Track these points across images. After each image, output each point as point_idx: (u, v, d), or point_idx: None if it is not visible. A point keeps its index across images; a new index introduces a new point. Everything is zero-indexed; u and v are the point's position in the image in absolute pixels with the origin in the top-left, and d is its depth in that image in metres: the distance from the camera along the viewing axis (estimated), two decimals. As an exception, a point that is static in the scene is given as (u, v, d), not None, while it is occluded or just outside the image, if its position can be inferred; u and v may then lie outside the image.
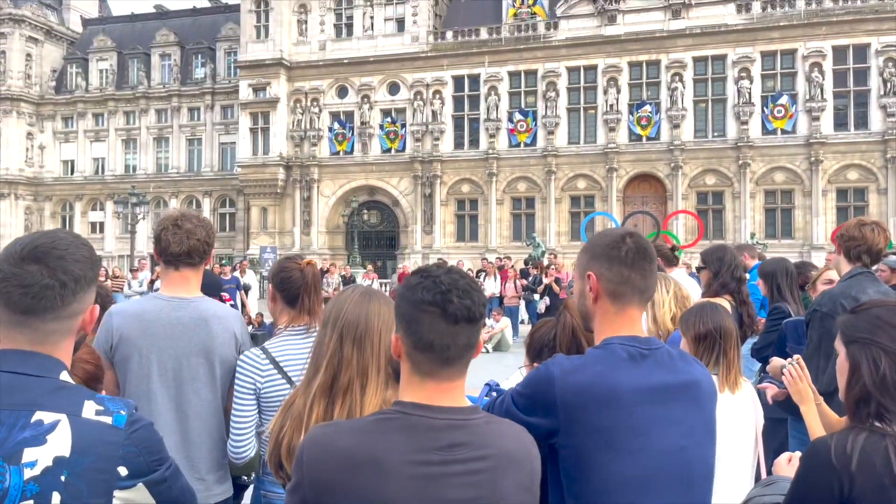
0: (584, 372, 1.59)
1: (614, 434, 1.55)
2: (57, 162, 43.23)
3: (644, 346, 1.64)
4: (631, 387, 1.58)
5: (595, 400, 1.56)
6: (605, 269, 1.66)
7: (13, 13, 41.09)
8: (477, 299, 1.36)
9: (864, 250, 3.23)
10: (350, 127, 35.61)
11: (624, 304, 1.67)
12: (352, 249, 32.44)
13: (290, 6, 36.18)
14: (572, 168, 33.46)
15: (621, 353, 1.61)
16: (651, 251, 1.70)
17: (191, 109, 40.82)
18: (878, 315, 1.50)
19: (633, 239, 1.69)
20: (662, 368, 1.63)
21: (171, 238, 2.48)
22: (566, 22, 33.62)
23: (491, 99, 34.02)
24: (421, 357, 1.35)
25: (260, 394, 2.32)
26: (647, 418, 1.57)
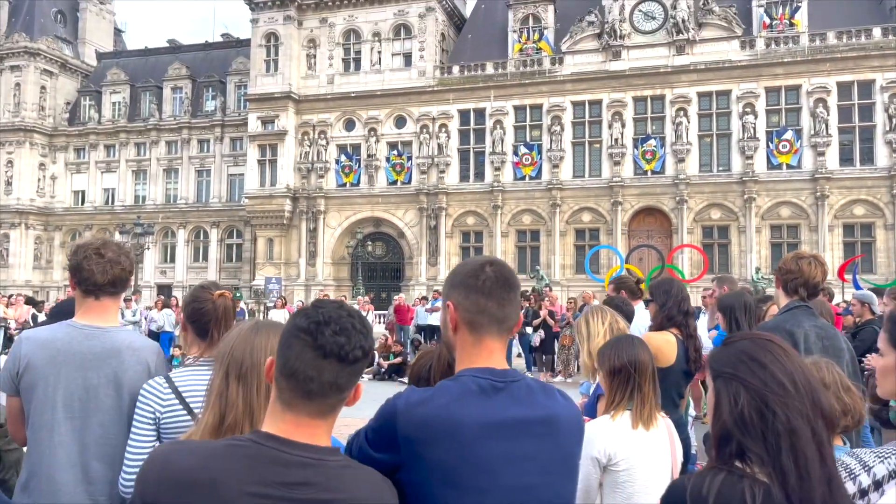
0: (429, 405, 1.51)
1: (457, 471, 1.47)
2: (68, 192, 43.76)
3: (499, 378, 1.56)
4: (476, 421, 1.49)
5: (436, 434, 1.48)
6: (463, 298, 1.61)
7: (29, 46, 42.02)
8: (356, 341, 1.32)
9: (801, 283, 3.19)
10: (357, 159, 35.93)
11: (481, 335, 1.60)
12: (356, 281, 32.48)
13: (299, 41, 36.83)
14: (577, 201, 33.51)
15: (471, 386, 1.54)
16: (512, 280, 1.65)
17: (200, 141, 41.35)
18: (742, 349, 1.42)
19: (492, 267, 1.63)
20: (517, 402, 1.55)
21: (94, 268, 2.43)
22: (571, 57, 33.98)
23: (496, 132, 34.28)
24: (284, 384, 1.32)
25: (160, 424, 2.23)
26: (494, 455, 1.49)
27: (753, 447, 1.31)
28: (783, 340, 1.47)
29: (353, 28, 36.53)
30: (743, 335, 1.50)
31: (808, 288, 3.18)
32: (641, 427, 2.49)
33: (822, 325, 3.17)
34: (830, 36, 30.97)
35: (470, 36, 37.24)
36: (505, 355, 1.67)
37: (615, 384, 2.55)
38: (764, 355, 1.39)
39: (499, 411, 1.52)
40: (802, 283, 3.19)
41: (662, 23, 33.08)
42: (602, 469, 2.48)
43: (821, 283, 3.26)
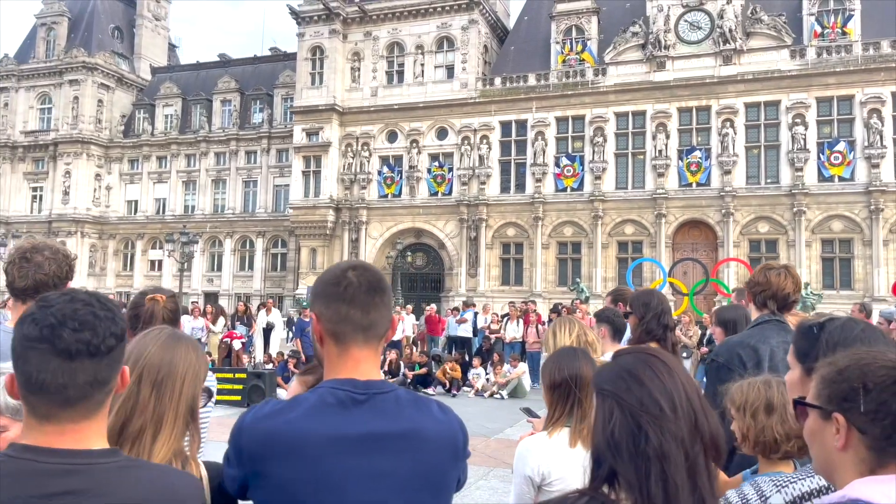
0: (275, 419, 1.44)
1: (302, 488, 1.40)
2: (122, 202, 45.18)
3: (360, 390, 1.48)
4: (324, 435, 1.42)
5: (279, 450, 1.40)
6: (324, 307, 1.52)
7: (87, 61, 43.66)
8: (102, 329, 1.19)
9: (770, 296, 3.02)
10: (398, 171, 36.20)
11: (346, 344, 1.51)
12: (395, 291, 32.61)
13: (344, 54, 37.39)
14: (620, 213, 33.06)
15: (328, 399, 1.46)
16: (378, 284, 1.56)
17: (248, 153, 42.27)
18: (623, 364, 1.33)
19: (355, 272, 1.55)
20: (378, 416, 1.47)
21: (16, 272, 2.38)
22: (615, 68, 33.64)
23: (538, 144, 34.12)
24: (35, 399, 1.18)
25: None
26: (342, 471, 1.41)
27: (623, 471, 1.22)
28: (670, 356, 1.37)
29: (397, 41, 36.92)
30: (627, 350, 1.42)
31: (778, 300, 3.00)
32: (580, 445, 2.37)
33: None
34: (885, 45, 29.96)
35: (513, 48, 37.25)
36: (377, 364, 1.58)
37: (555, 399, 2.44)
38: (643, 372, 1.29)
39: (352, 425, 1.44)
40: (771, 295, 3.02)
41: (709, 33, 32.51)
42: (536, 488, 2.38)
43: (791, 295, 3.06)
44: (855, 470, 1.24)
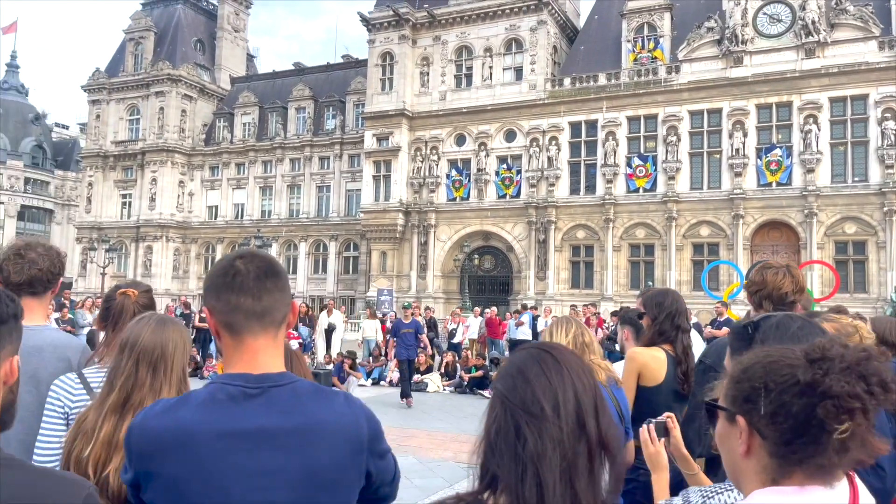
0: (164, 416, 1.40)
1: (188, 486, 1.35)
2: (203, 207, 47.04)
3: (254, 384, 1.42)
4: (212, 432, 1.36)
5: (166, 447, 1.36)
6: (215, 300, 1.46)
7: (171, 73, 45.72)
8: None
9: (766, 296, 2.78)
10: (467, 174, 36.25)
11: (241, 335, 1.45)
12: (463, 294, 32.67)
13: (413, 60, 37.77)
14: (694, 214, 32.05)
15: (218, 394, 1.41)
16: (270, 269, 1.49)
17: (321, 158, 43.26)
18: (514, 360, 1.26)
19: (243, 260, 1.49)
20: (272, 410, 1.40)
21: (11, 268, 2.48)
22: (689, 65, 32.67)
23: (609, 144, 33.49)
24: None
25: (69, 418, 2.25)
26: (228, 468, 1.36)
27: (502, 473, 1.15)
28: (568, 353, 1.28)
29: (466, 44, 37.01)
30: (530, 345, 1.33)
31: (774, 301, 2.77)
32: None
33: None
34: None
35: (582, 47, 36.72)
36: (278, 353, 1.50)
37: None
38: (531, 369, 1.22)
39: (241, 421, 1.38)
40: (766, 295, 2.80)
41: (790, 25, 31.14)
42: None
43: (790, 295, 2.82)
44: (757, 478, 1.13)
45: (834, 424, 1.05)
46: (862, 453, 1.07)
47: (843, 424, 1.05)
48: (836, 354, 1.11)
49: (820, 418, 1.06)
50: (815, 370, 1.09)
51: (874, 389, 1.07)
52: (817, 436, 1.07)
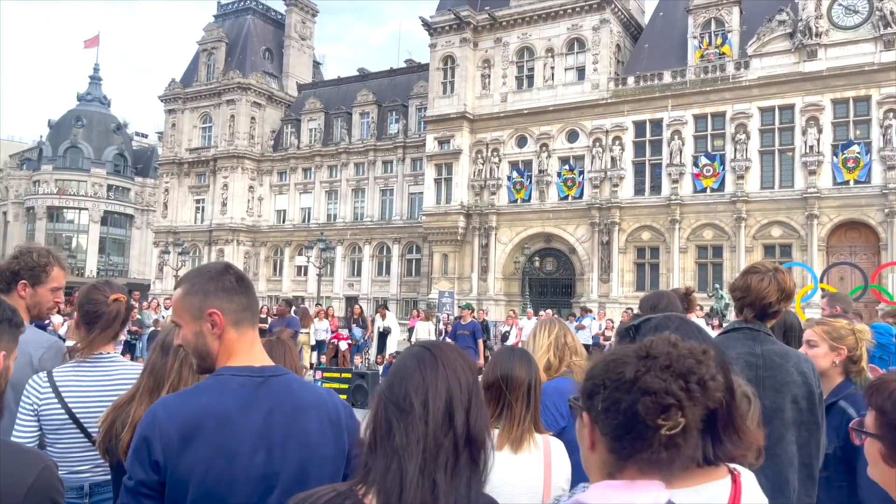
0: (192, 404, 1.62)
1: (216, 465, 1.57)
2: (272, 211, 48.36)
3: (258, 374, 1.69)
4: (239, 409, 1.62)
5: (197, 432, 1.57)
6: (227, 302, 1.71)
7: (241, 82, 47.24)
8: None
9: (748, 303, 2.62)
10: (528, 175, 36.06)
11: (244, 330, 1.73)
12: (524, 296, 32.49)
13: (474, 62, 37.85)
14: (765, 214, 30.94)
15: (231, 384, 1.65)
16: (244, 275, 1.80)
17: (384, 162, 43.84)
18: (400, 357, 1.32)
19: (232, 270, 1.81)
20: (272, 395, 1.68)
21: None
22: (759, 60, 31.58)
23: (674, 143, 32.71)
24: None
25: (40, 416, 2.36)
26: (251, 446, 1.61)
27: (374, 467, 1.21)
28: (451, 349, 1.32)
29: (527, 45, 36.83)
30: (419, 342, 1.37)
31: (756, 309, 2.61)
32: (508, 449, 2.22)
33: (766, 352, 2.56)
34: None
35: (647, 45, 35.99)
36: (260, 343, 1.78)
37: (487, 400, 2.32)
38: (408, 367, 1.27)
39: (256, 402, 1.64)
40: (749, 303, 2.64)
41: (867, 17, 29.73)
42: None
43: (774, 305, 2.62)
44: (599, 473, 1.15)
45: (655, 420, 1.06)
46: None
47: (666, 421, 1.05)
48: (660, 352, 1.11)
49: (642, 414, 1.07)
50: (638, 367, 1.10)
51: (692, 388, 1.07)
52: (643, 432, 1.07)
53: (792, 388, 2.48)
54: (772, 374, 2.51)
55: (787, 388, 2.48)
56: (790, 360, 2.54)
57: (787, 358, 2.56)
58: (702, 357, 1.10)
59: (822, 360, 2.84)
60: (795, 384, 2.49)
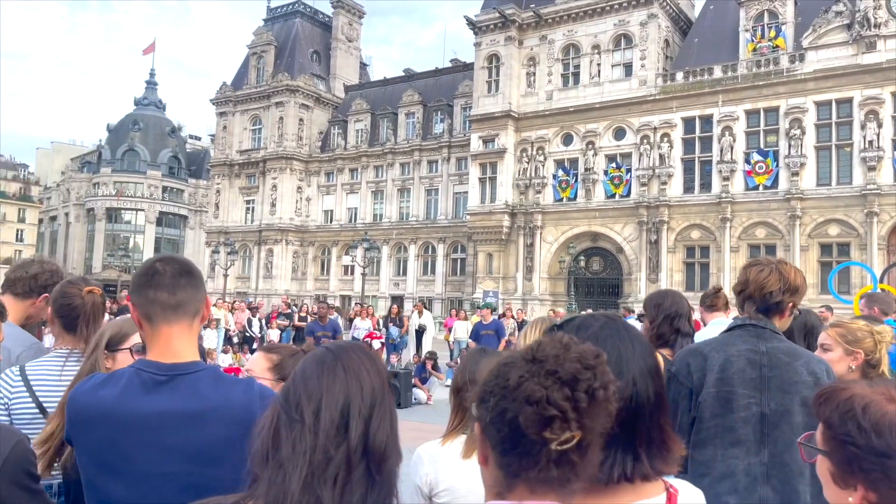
0: (91, 394, 1.64)
1: (103, 455, 1.60)
2: (319, 212, 48.95)
3: (163, 372, 1.65)
4: (123, 412, 1.60)
5: (90, 421, 1.61)
6: (137, 295, 1.70)
7: (290, 84, 47.95)
8: None
9: (748, 296, 2.43)
10: (574, 174, 35.61)
11: (157, 324, 1.69)
12: (569, 296, 32.09)
13: (519, 60, 37.57)
14: (821, 212, 29.87)
15: (134, 380, 1.64)
16: (185, 269, 1.72)
17: (429, 162, 43.91)
18: (304, 360, 1.23)
19: (162, 263, 1.73)
20: (175, 396, 1.62)
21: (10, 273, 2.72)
22: (814, 53, 30.51)
23: (725, 140, 31.86)
24: None
25: (10, 410, 2.34)
26: (134, 444, 1.58)
27: (261, 476, 1.13)
28: (357, 350, 1.20)
29: (573, 42, 36.39)
30: (328, 344, 1.27)
31: (757, 302, 2.43)
32: (475, 457, 2.10)
33: (772, 349, 2.36)
34: None
35: (696, 40, 35.14)
36: (190, 339, 1.71)
37: (455, 404, 2.16)
38: (307, 371, 1.17)
39: (149, 405, 1.61)
40: (748, 295, 2.46)
41: (930, 4, 28.41)
42: (427, 498, 2.15)
43: (775, 294, 2.42)
44: (490, 492, 1.01)
45: (539, 434, 0.92)
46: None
47: (553, 435, 0.91)
48: (547, 356, 0.96)
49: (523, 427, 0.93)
50: (522, 372, 0.96)
51: (578, 397, 0.92)
52: (529, 446, 0.93)
53: (801, 389, 2.28)
54: (777, 374, 2.33)
55: (796, 388, 2.28)
56: (799, 359, 2.36)
57: (796, 356, 2.37)
58: (592, 362, 0.95)
59: (838, 366, 2.63)
60: (805, 385, 2.30)
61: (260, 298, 41.01)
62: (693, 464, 2.36)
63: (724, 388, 2.34)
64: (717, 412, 2.34)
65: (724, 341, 2.48)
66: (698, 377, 2.40)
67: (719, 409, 2.34)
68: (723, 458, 2.27)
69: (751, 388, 2.31)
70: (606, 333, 1.17)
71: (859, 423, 0.95)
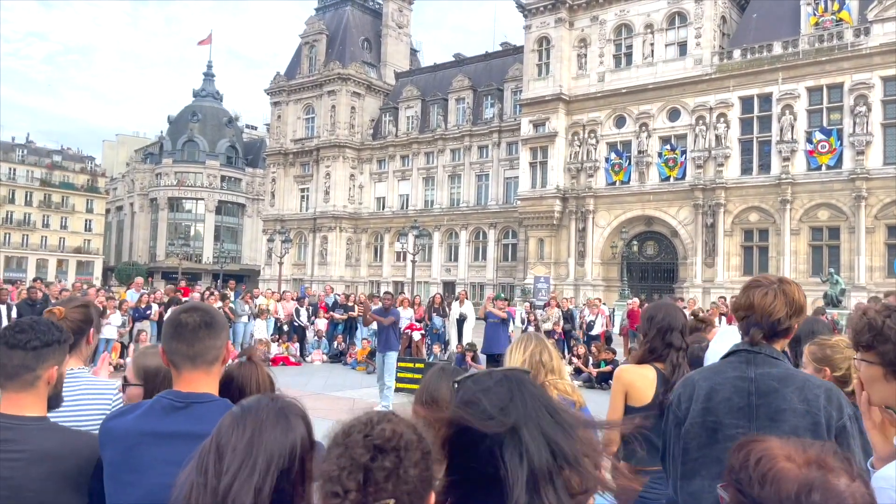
0: (117, 419, 1.91)
1: (118, 468, 1.82)
2: (372, 199, 49.43)
3: (181, 399, 1.87)
4: (141, 431, 1.82)
5: (110, 441, 1.85)
6: (165, 344, 1.95)
7: (341, 73, 48.38)
8: (35, 336, 1.92)
9: (754, 322, 2.25)
10: (627, 156, 34.95)
11: (179, 370, 1.92)
12: (622, 282, 31.62)
13: (570, 42, 36.98)
14: (888, 193, 28.59)
15: (156, 406, 1.88)
16: (206, 321, 1.91)
17: (480, 147, 43.76)
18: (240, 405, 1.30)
19: (187, 314, 1.94)
20: (189, 420, 1.82)
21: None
22: (880, 26, 29.08)
23: (785, 119, 30.74)
24: None
25: None
26: (146, 458, 1.79)
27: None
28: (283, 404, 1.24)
29: (625, 22, 35.59)
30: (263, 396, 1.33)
31: (765, 328, 2.23)
32: None
33: (761, 375, 2.20)
34: None
35: (755, 15, 33.90)
36: (209, 382, 1.94)
37: None
38: (234, 420, 1.22)
39: (165, 425, 1.83)
40: (755, 321, 2.25)
41: None
42: None
43: (784, 321, 2.22)
44: None
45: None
46: None
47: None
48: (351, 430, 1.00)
49: None
50: (338, 451, 0.99)
51: (369, 477, 0.95)
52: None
53: (790, 418, 2.14)
54: (766, 402, 2.19)
55: (784, 416, 2.14)
56: (790, 385, 2.19)
57: (787, 382, 2.20)
58: (393, 444, 0.97)
59: None
60: (795, 413, 2.15)
61: (315, 285, 41.76)
62: (683, 495, 2.30)
63: (709, 418, 2.26)
64: (704, 442, 2.25)
65: (714, 369, 2.39)
66: (686, 406, 2.32)
67: (706, 439, 2.25)
68: (710, 489, 2.16)
69: (738, 417, 2.20)
70: (498, 392, 1.15)
71: (750, 473, 0.96)
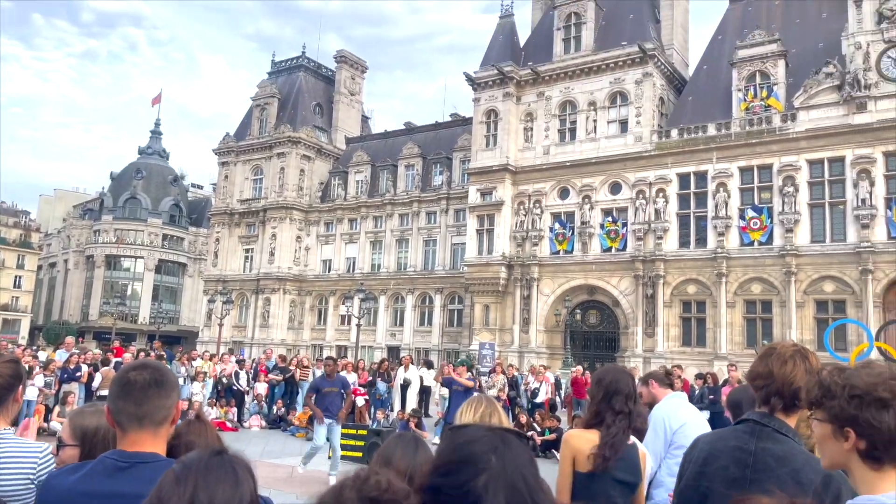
0: (61, 477, 1.88)
1: None
2: (318, 261, 49.08)
3: (125, 459, 1.83)
4: (80, 492, 1.79)
5: (47, 497, 1.84)
6: (111, 403, 1.89)
7: (292, 136, 48.69)
8: None
9: (774, 391, 2.18)
10: (570, 227, 35.87)
11: (125, 430, 1.87)
12: (566, 350, 31.94)
13: (517, 115, 38.26)
14: (816, 269, 29.97)
15: (98, 466, 1.84)
16: (155, 380, 1.85)
17: (428, 213, 44.26)
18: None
19: (135, 372, 1.88)
20: (132, 480, 1.78)
21: None
22: (806, 113, 31.09)
23: (719, 196, 32.20)
24: None
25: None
26: None
27: None
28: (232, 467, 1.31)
29: (569, 99, 37.11)
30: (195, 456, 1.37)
31: (785, 398, 2.17)
32: None
33: (761, 450, 2.18)
34: None
35: (690, 98, 35.85)
36: (155, 443, 1.87)
37: None
38: (167, 487, 1.31)
39: (108, 485, 1.79)
40: (775, 390, 2.18)
41: (918, 67, 29.07)
42: None
43: (804, 388, 2.06)
44: None
45: None
46: None
47: None
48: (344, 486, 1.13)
49: None
50: None
51: None
52: None
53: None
54: (759, 478, 2.14)
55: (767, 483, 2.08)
56: (787, 465, 2.13)
57: (785, 462, 2.14)
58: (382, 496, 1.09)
59: None
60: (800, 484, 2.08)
61: (255, 348, 40.81)
62: None
63: (703, 483, 2.25)
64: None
65: (718, 435, 2.38)
66: (685, 467, 2.35)
67: (697, 503, 2.26)
68: None
69: (732, 487, 2.14)
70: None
71: None
